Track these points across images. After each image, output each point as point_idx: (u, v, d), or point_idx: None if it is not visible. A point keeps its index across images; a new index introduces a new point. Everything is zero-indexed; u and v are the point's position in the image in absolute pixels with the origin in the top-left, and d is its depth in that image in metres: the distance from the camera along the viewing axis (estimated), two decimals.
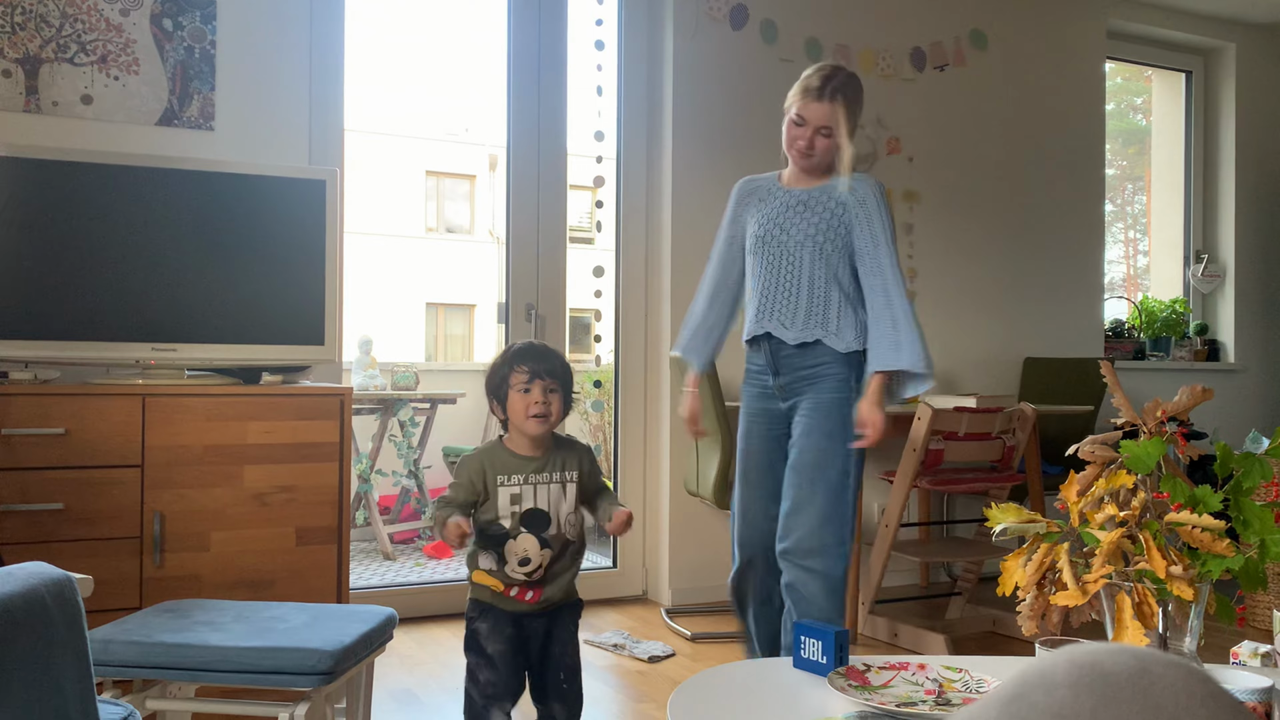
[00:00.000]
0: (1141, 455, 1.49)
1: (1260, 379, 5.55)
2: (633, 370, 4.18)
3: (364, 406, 5.30)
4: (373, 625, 2.07)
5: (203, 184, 2.88)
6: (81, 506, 2.59)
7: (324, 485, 2.84)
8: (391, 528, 5.27)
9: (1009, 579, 1.50)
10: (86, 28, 3.18)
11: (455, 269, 17.26)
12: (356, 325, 14.21)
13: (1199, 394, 1.60)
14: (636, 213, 4.18)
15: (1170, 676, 0.46)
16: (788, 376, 2.58)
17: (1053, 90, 4.93)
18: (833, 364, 2.52)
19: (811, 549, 2.47)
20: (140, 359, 2.81)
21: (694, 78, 4.13)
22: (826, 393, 2.52)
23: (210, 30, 3.33)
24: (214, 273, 2.89)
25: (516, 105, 3.97)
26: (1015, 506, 1.52)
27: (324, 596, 2.83)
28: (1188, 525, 1.40)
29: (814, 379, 2.54)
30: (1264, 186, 5.56)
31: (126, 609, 2.62)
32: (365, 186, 16.58)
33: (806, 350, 2.54)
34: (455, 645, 3.45)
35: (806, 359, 2.55)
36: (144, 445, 2.66)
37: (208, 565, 2.71)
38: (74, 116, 3.17)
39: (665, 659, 3.33)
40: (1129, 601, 1.38)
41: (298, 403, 2.82)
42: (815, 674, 1.66)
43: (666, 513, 4.09)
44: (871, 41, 4.47)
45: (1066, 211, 4.97)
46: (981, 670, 1.65)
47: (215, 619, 2.06)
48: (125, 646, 1.88)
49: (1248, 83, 5.54)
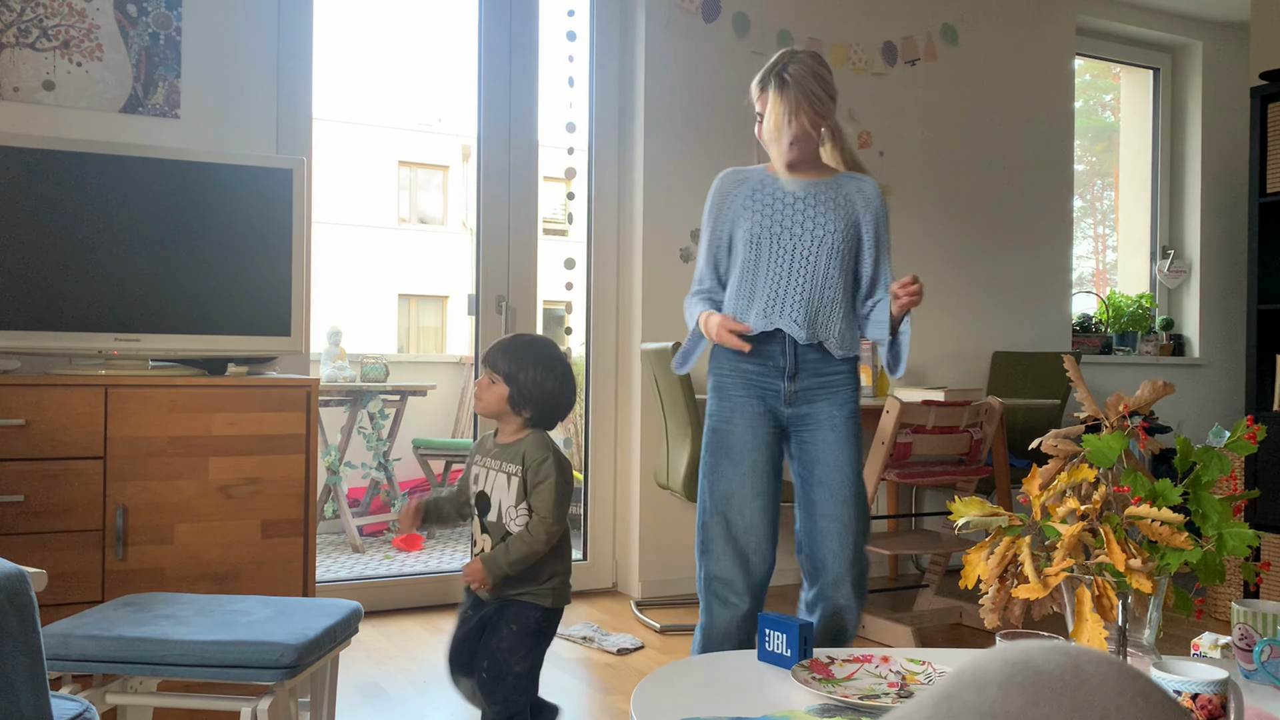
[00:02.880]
0: (1103, 449, 1.50)
1: (1223, 373, 5.62)
2: (604, 362, 4.18)
3: (333, 398, 5.27)
4: (338, 618, 2.05)
5: (167, 172, 2.84)
6: (42, 499, 2.56)
7: (290, 477, 2.82)
8: (360, 520, 5.24)
9: (972, 572, 1.51)
10: (49, 12, 3.13)
11: (428, 260, 17.18)
12: (327, 316, 14.12)
13: (1160, 389, 1.62)
14: (608, 204, 4.17)
15: (1102, 674, 0.46)
16: (806, 380, 2.43)
17: (1023, 86, 4.96)
18: (849, 373, 2.46)
19: (862, 573, 2.44)
20: (103, 349, 2.78)
21: (666, 70, 4.12)
22: (846, 404, 2.43)
23: (175, 16, 3.29)
24: (179, 262, 2.85)
25: (488, 96, 3.94)
26: (978, 500, 1.53)
27: (290, 590, 2.81)
28: (1147, 519, 1.41)
29: (833, 388, 2.43)
30: (1228, 183, 5.63)
31: (88, 602, 2.59)
32: (338, 176, 16.46)
33: (825, 356, 2.43)
34: (423, 638, 3.44)
35: (826, 365, 2.43)
36: (106, 437, 2.62)
37: (171, 558, 2.68)
38: (35, 103, 3.12)
39: (634, 651, 3.34)
40: (1089, 594, 1.39)
41: (263, 394, 2.79)
42: (780, 666, 1.66)
43: (637, 505, 4.09)
44: (843, 35, 4.48)
45: (1036, 207, 5.01)
46: (944, 663, 1.66)
47: (177, 612, 2.03)
48: (85, 640, 1.86)
49: (1214, 80, 5.59)
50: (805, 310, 2.40)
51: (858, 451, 2.45)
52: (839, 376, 2.44)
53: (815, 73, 2.39)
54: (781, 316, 2.40)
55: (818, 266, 2.41)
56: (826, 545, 2.42)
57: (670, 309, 4.11)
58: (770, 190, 2.47)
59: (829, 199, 2.44)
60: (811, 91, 2.37)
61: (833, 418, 2.43)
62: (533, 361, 2.17)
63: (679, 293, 4.12)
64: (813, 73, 2.39)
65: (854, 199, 2.45)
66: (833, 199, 2.44)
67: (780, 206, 2.44)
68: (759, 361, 2.44)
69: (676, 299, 4.12)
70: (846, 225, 2.43)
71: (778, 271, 2.42)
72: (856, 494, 2.42)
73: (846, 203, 2.45)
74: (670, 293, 4.11)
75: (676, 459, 3.72)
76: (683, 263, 4.14)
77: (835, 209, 2.43)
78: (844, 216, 2.43)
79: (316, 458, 2.88)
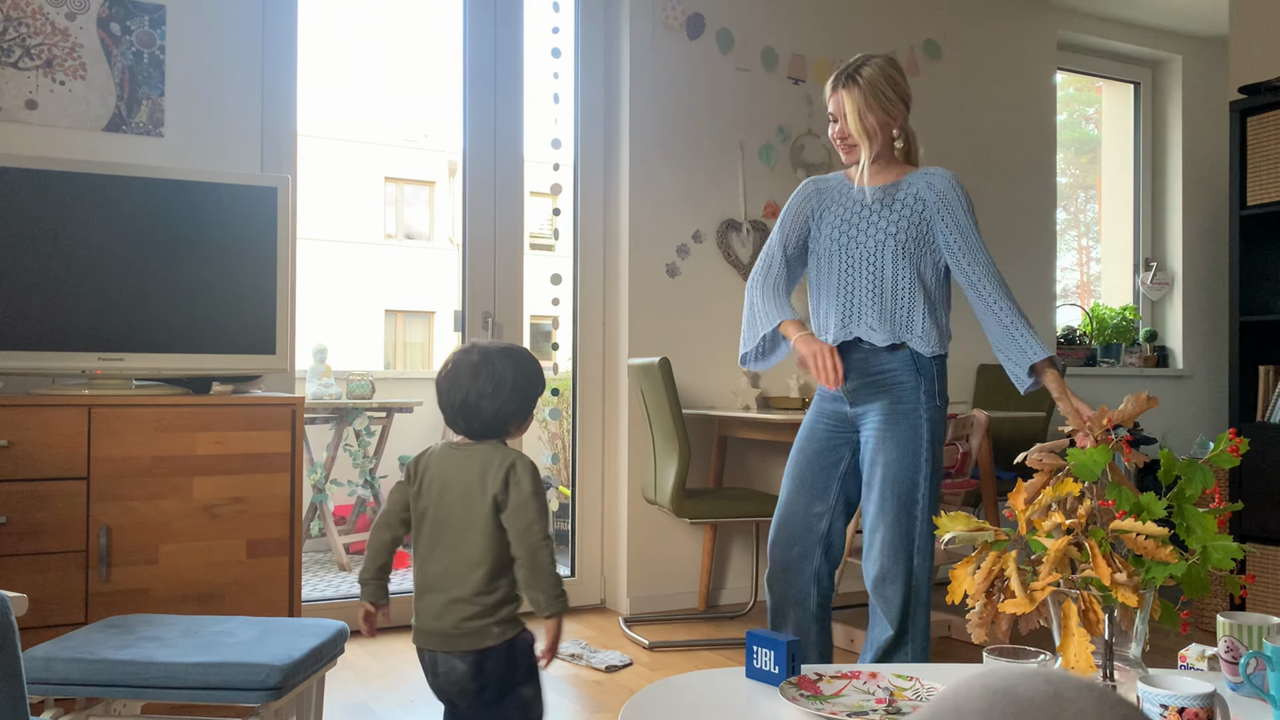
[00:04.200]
0: (1088, 463, 1.51)
1: (1206, 384, 5.66)
2: (591, 378, 4.17)
3: (319, 415, 5.25)
4: (323, 639, 2.04)
5: (151, 191, 2.83)
6: (25, 520, 2.54)
7: (275, 496, 2.80)
8: (347, 538, 5.21)
9: (958, 587, 1.51)
10: (31, 31, 3.12)
11: (415, 275, 17.15)
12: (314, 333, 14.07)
13: (1144, 402, 1.63)
14: (594, 220, 4.17)
15: (1082, 701, 0.46)
16: (856, 381, 2.43)
17: (1005, 100, 5.00)
18: (902, 371, 2.39)
19: (885, 575, 2.38)
20: (87, 369, 2.76)
21: (650, 86, 4.13)
22: (897, 402, 2.39)
23: (159, 34, 3.28)
24: (163, 281, 2.84)
25: (473, 112, 3.95)
26: (964, 515, 1.54)
27: (275, 609, 2.79)
28: (1132, 533, 1.41)
29: (884, 386, 2.40)
30: (1209, 196, 5.67)
31: (72, 624, 2.57)
32: (324, 192, 16.43)
33: (879, 354, 2.41)
34: (410, 657, 3.42)
35: (875, 363, 2.41)
36: (90, 457, 2.61)
37: (156, 579, 2.66)
38: (18, 121, 3.11)
39: (622, 668, 3.32)
40: (1075, 609, 1.39)
41: (248, 413, 2.78)
42: (768, 684, 1.66)
43: (625, 521, 4.08)
44: (827, 51, 4.51)
45: (1019, 220, 5.04)
46: (932, 679, 1.65)
47: (162, 634, 2.02)
48: (68, 664, 1.84)
49: (1194, 94, 5.65)
50: (879, 314, 2.38)
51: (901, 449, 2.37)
52: (889, 374, 2.39)
53: (887, 75, 2.40)
54: (859, 325, 2.40)
55: (885, 268, 2.39)
56: (865, 540, 2.44)
57: (657, 324, 4.11)
58: (845, 197, 2.48)
59: (896, 198, 2.42)
60: (882, 93, 2.38)
61: (877, 419, 2.40)
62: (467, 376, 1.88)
63: (666, 308, 4.13)
64: (884, 74, 2.40)
65: (925, 195, 2.41)
66: (899, 198, 2.42)
67: (851, 213, 2.45)
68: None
69: (663, 314, 4.12)
70: (914, 221, 2.39)
71: (850, 278, 2.42)
72: (888, 493, 2.36)
73: (915, 198, 2.41)
74: (657, 308, 4.11)
75: (664, 474, 3.72)
76: (669, 278, 4.14)
77: (902, 207, 2.41)
78: (911, 213, 2.40)
79: (302, 476, 2.87)
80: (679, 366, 4.16)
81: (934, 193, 2.39)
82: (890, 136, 2.43)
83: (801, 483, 2.50)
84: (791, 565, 2.49)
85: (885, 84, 2.39)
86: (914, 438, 2.37)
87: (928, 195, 2.40)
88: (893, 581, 2.38)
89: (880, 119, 2.39)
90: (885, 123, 2.40)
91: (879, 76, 2.39)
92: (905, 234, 2.38)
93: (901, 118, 2.43)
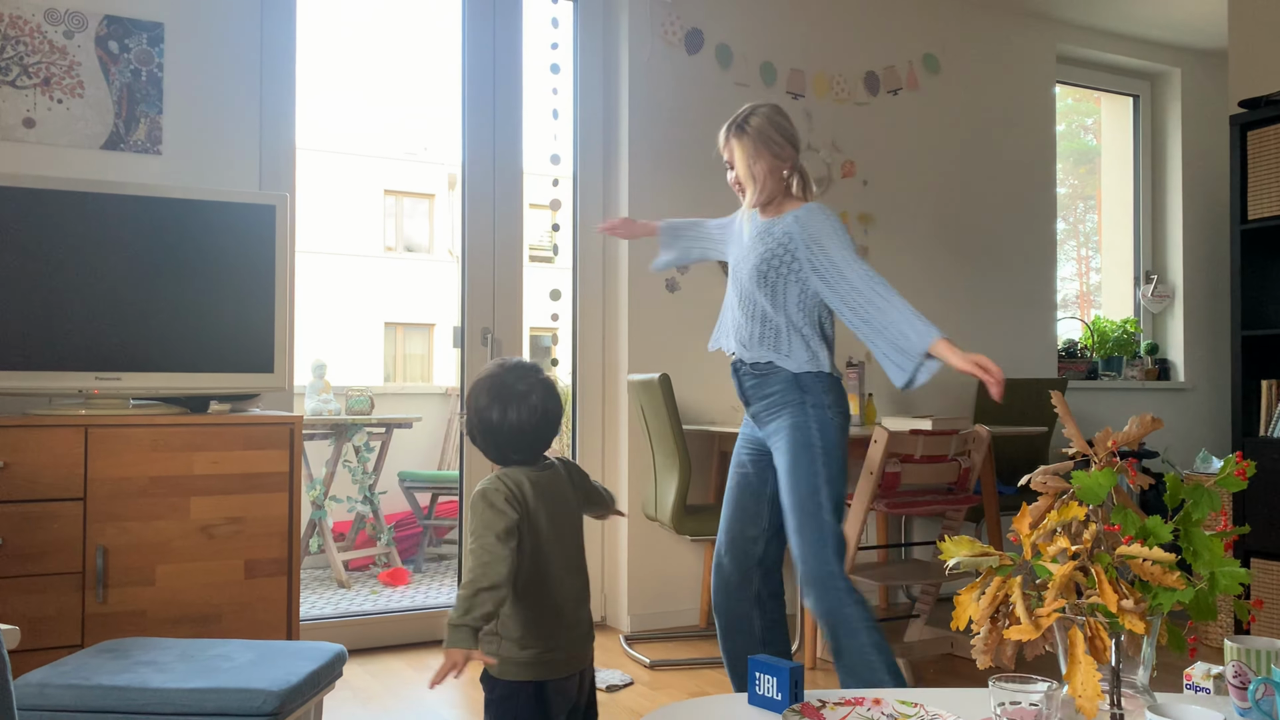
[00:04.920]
0: (1092, 486, 1.49)
1: (1208, 397, 5.64)
2: (590, 393, 4.16)
3: (317, 431, 5.23)
4: (321, 663, 2.02)
5: (149, 209, 2.82)
6: (21, 541, 2.52)
7: (273, 516, 2.78)
8: (346, 555, 5.19)
9: (963, 612, 1.49)
10: (29, 50, 3.12)
11: (414, 288, 17.14)
12: (313, 346, 14.06)
13: (1148, 424, 1.61)
14: (593, 235, 4.16)
15: None
16: (756, 405, 2.61)
17: (1004, 113, 4.99)
18: (787, 390, 2.53)
19: (807, 581, 2.47)
20: (83, 388, 2.75)
21: (649, 102, 4.13)
22: (787, 418, 2.53)
23: (157, 52, 3.28)
24: (160, 300, 2.83)
25: (472, 126, 3.94)
26: (968, 539, 1.52)
27: (274, 630, 2.77)
28: (1139, 558, 1.40)
29: (777, 407, 2.54)
30: (1209, 209, 5.67)
31: (69, 647, 2.55)
32: (323, 205, 16.44)
33: (765, 379, 2.56)
34: (410, 677, 3.39)
35: (765, 387, 2.57)
36: (86, 477, 2.59)
37: (153, 600, 2.64)
38: (16, 140, 3.10)
39: (623, 688, 3.30)
40: (1081, 636, 1.37)
41: (246, 432, 2.77)
42: (770, 711, 1.64)
43: (625, 538, 4.06)
44: (826, 66, 4.51)
45: (1019, 231, 5.03)
46: (937, 704, 1.64)
47: (158, 658, 2.00)
48: (62, 690, 1.82)
49: (1193, 107, 5.65)
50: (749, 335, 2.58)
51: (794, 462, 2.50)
52: (776, 396, 2.55)
53: (774, 122, 2.58)
54: (732, 340, 2.63)
55: (756, 296, 2.56)
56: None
57: (657, 340, 4.10)
58: (739, 234, 2.71)
59: (771, 233, 2.57)
60: (770, 139, 2.56)
61: (774, 439, 2.57)
62: (482, 389, 1.83)
63: (665, 323, 4.12)
64: (771, 122, 2.58)
65: (791, 228, 2.54)
66: (773, 233, 2.57)
67: (741, 247, 2.66)
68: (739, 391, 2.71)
69: (663, 330, 4.11)
70: (780, 255, 2.54)
71: (733, 299, 2.65)
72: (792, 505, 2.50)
73: (784, 233, 2.55)
74: (657, 324, 4.10)
75: (665, 491, 3.70)
76: (669, 293, 4.13)
77: (773, 242, 2.56)
78: (780, 247, 2.54)
79: (300, 495, 2.85)
80: (679, 382, 4.15)
81: (799, 225, 2.54)
82: (781, 177, 2.59)
83: (735, 508, 2.66)
84: (732, 590, 2.62)
85: (773, 130, 2.57)
86: (807, 447, 2.49)
87: (793, 228, 2.54)
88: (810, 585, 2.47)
89: (770, 164, 2.56)
90: (775, 166, 2.57)
91: (766, 124, 2.56)
92: (769, 264, 2.54)
93: (792, 159, 2.60)
